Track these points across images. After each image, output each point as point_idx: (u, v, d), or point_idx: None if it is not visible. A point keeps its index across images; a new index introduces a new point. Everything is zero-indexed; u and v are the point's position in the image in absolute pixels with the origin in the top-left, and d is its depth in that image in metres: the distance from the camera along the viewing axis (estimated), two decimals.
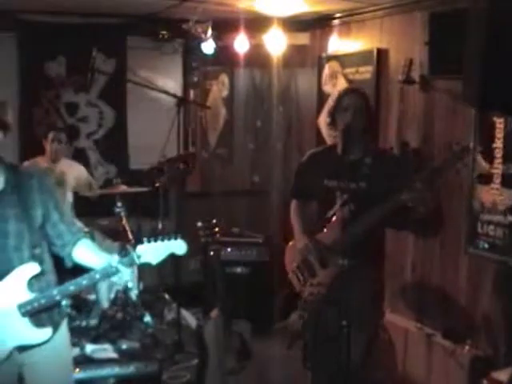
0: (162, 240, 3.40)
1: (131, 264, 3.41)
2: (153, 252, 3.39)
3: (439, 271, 5.84)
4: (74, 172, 7.20)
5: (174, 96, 6.88)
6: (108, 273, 3.41)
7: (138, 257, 3.37)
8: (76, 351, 5.87)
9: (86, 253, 3.65)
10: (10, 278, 3.41)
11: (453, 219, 5.62)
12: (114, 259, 3.40)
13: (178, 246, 3.44)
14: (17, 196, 3.47)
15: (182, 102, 6.80)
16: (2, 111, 6.53)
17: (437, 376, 5.48)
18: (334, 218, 4.56)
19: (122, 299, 6.61)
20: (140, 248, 3.38)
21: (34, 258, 3.49)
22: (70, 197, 7.08)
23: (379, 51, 6.46)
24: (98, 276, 3.42)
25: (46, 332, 3.49)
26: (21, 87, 7.80)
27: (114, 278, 3.45)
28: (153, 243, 3.38)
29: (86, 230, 6.70)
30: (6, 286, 3.40)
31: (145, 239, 3.39)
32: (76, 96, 8.12)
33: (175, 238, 3.44)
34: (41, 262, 3.51)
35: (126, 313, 6.61)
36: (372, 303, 4.67)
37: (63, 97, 8.05)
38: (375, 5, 6.35)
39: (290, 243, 4.93)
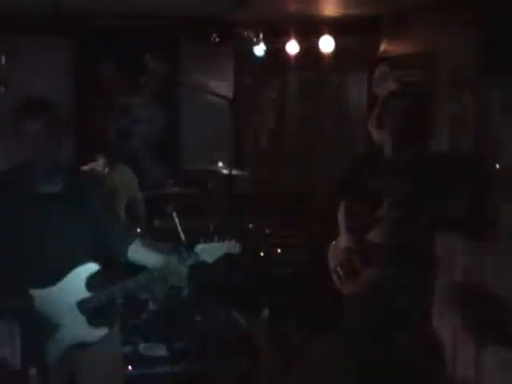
0: (218, 240, 3.55)
1: (189, 263, 3.53)
2: (209, 251, 3.55)
3: (490, 275, 5.79)
4: (126, 184, 7.23)
5: (226, 98, 6.95)
6: (167, 272, 3.52)
7: (196, 256, 3.51)
8: (129, 349, 5.98)
9: (142, 252, 3.74)
10: (69, 277, 3.52)
11: (505, 222, 5.57)
12: (174, 259, 3.53)
13: (233, 247, 3.59)
14: (74, 198, 3.59)
15: (233, 104, 6.86)
16: None
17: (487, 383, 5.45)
18: (380, 220, 4.59)
19: (174, 298, 6.69)
20: (198, 247, 3.53)
21: (92, 257, 3.61)
22: (123, 203, 7.13)
23: (429, 54, 6.44)
24: (156, 274, 3.54)
25: (102, 331, 3.60)
26: (76, 90, 7.95)
27: (172, 278, 3.56)
28: (209, 243, 3.53)
29: (138, 231, 6.81)
30: (65, 285, 3.51)
31: (201, 239, 3.54)
32: (129, 98, 8.24)
33: (230, 239, 3.58)
34: (97, 262, 3.62)
35: (178, 312, 6.69)
36: (415, 307, 4.67)
37: (117, 99, 8.18)
38: (425, 7, 6.35)
39: (334, 242, 4.95)
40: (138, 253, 3.74)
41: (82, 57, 7.93)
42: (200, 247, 3.53)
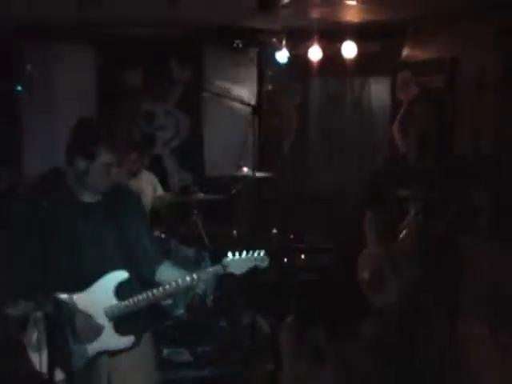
0: (247, 253, 3.57)
1: (217, 276, 3.58)
2: (237, 264, 3.56)
3: None
4: (150, 187, 7.29)
5: (249, 105, 6.95)
6: (193, 285, 3.56)
7: (224, 268, 3.53)
8: None
9: (171, 273, 3.74)
10: (98, 284, 3.55)
11: None
12: (203, 273, 3.55)
13: (262, 260, 3.61)
14: (112, 209, 3.63)
15: (256, 110, 6.85)
16: None
17: None
18: (406, 227, 4.58)
19: (198, 304, 6.71)
20: (226, 260, 3.54)
21: (125, 266, 3.62)
22: (147, 206, 7.17)
23: (451, 59, 6.44)
24: (185, 284, 3.57)
25: (128, 340, 3.62)
26: (99, 98, 8.00)
27: (199, 289, 3.59)
28: (237, 256, 3.55)
29: (163, 236, 6.83)
30: (95, 291, 3.54)
31: (230, 252, 3.56)
32: (153, 105, 8.29)
33: (259, 252, 3.60)
34: (129, 271, 3.63)
35: (202, 317, 6.71)
36: (446, 312, 4.67)
37: (141, 106, 8.22)
38: (447, 13, 6.35)
39: (363, 252, 4.94)
40: (167, 274, 3.75)
41: (107, 64, 7.97)
42: (228, 260, 3.54)
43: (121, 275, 3.58)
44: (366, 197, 5.08)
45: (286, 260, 6.97)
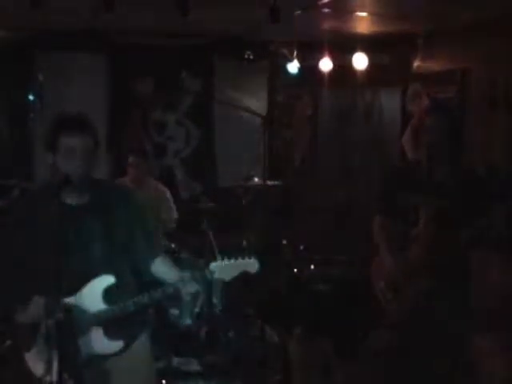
0: (236, 258, 3.52)
1: (203, 280, 3.53)
2: (225, 269, 3.51)
3: None
4: (156, 198, 7.26)
5: (260, 115, 6.96)
6: (179, 287, 3.52)
7: (211, 273, 3.50)
8: (163, 363, 5.99)
9: (163, 268, 3.76)
10: (87, 288, 3.53)
11: None
12: (187, 275, 3.52)
13: (251, 265, 3.55)
14: (102, 210, 3.60)
15: (267, 121, 6.85)
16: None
17: None
18: (417, 235, 4.57)
19: (206, 314, 6.70)
20: (213, 265, 3.50)
21: (115, 269, 3.59)
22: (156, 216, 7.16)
23: (463, 70, 6.43)
24: (171, 290, 3.54)
25: (117, 344, 3.60)
26: (109, 106, 8.03)
27: (186, 294, 3.55)
28: (226, 261, 3.51)
29: (173, 247, 6.83)
30: (83, 296, 3.52)
31: (218, 256, 3.52)
32: (164, 115, 8.30)
33: (249, 257, 3.55)
34: (121, 275, 3.62)
35: (211, 328, 6.70)
36: (458, 324, 4.65)
37: (152, 116, 8.24)
38: (458, 24, 6.35)
39: (376, 259, 4.92)
40: (161, 268, 3.76)
41: (118, 73, 8.00)
42: (216, 265, 3.50)
43: (108, 280, 3.55)
44: (379, 204, 5.06)
45: (295, 271, 6.97)
